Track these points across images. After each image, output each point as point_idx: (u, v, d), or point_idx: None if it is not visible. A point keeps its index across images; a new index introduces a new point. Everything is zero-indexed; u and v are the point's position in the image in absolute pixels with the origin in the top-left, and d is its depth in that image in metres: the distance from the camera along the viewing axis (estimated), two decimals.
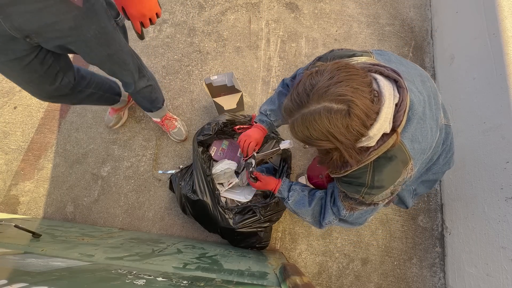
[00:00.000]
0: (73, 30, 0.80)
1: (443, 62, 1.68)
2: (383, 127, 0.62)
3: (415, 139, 0.69)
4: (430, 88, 0.77)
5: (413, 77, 0.74)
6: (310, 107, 0.59)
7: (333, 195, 0.92)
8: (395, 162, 0.69)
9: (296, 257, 1.45)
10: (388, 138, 0.65)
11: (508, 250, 1.09)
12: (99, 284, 0.61)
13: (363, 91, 0.58)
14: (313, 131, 0.60)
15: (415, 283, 1.41)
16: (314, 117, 0.59)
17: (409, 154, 0.69)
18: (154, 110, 1.42)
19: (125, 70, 1.05)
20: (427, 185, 0.97)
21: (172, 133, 1.58)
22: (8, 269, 0.61)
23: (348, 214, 0.87)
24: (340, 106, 0.57)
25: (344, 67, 0.61)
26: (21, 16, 0.72)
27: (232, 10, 1.90)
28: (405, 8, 1.90)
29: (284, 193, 1.04)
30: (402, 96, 0.63)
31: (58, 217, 1.53)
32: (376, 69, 0.66)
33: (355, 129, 0.59)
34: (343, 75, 0.59)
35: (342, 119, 0.58)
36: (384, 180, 0.72)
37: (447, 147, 0.88)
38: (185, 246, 1.19)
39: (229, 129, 1.39)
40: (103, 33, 0.87)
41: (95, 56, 0.93)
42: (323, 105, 0.58)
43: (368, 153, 0.67)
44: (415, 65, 0.82)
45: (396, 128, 0.64)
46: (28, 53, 0.85)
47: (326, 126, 0.58)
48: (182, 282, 0.71)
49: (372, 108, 0.59)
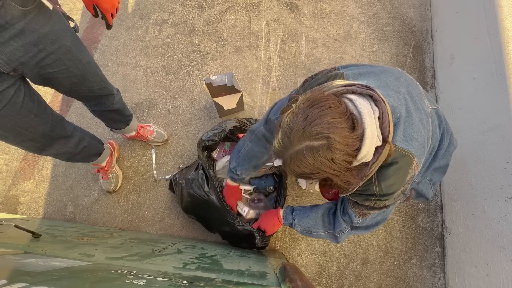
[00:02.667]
0: (55, 43, 0.81)
1: (443, 62, 1.68)
2: (373, 144, 0.63)
3: (410, 137, 0.70)
4: (406, 82, 0.78)
5: (385, 81, 0.75)
6: (294, 147, 0.62)
7: (343, 204, 0.93)
8: (398, 165, 0.70)
9: (296, 257, 1.45)
10: (383, 149, 0.66)
11: (508, 250, 1.09)
12: (99, 284, 0.61)
13: (339, 123, 0.60)
14: (304, 168, 0.63)
15: (415, 283, 1.41)
16: (299, 157, 0.61)
17: (410, 153, 0.70)
18: (129, 121, 1.40)
19: (102, 81, 1.06)
20: (440, 171, 0.97)
21: (153, 138, 1.56)
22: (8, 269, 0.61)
23: (361, 220, 0.89)
24: (320, 143, 0.59)
25: (316, 102, 0.62)
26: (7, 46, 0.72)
27: (232, 10, 1.90)
28: (405, 8, 1.90)
29: (288, 217, 1.10)
30: (381, 108, 0.64)
31: (58, 217, 1.53)
32: (349, 90, 0.66)
33: (340, 160, 0.61)
34: (316, 113, 0.60)
35: (325, 153, 0.59)
36: (392, 185, 0.73)
37: (444, 128, 0.88)
38: (185, 246, 1.19)
39: (235, 136, 1.40)
40: (76, 37, 0.89)
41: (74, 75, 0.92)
42: (304, 144, 0.60)
43: (369, 167, 0.68)
44: (384, 67, 0.82)
45: (386, 138, 0.65)
46: (16, 90, 0.82)
47: (312, 163, 0.61)
48: (182, 282, 0.71)
49: (351, 136, 0.61)
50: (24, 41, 0.74)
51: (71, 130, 1.10)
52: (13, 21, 0.70)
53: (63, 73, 0.88)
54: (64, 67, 0.87)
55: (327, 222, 0.99)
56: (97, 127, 1.65)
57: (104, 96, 1.12)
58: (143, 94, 1.72)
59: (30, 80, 0.87)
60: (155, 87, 1.73)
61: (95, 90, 1.05)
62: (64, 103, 1.71)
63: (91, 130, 1.63)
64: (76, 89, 0.99)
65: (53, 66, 0.84)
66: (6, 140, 0.90)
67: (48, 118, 0.96)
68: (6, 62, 0.74)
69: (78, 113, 1.68)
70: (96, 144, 1.28)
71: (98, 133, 1.62)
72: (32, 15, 0.73)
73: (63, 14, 0.87)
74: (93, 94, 1.06)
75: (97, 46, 1.82)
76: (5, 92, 0.79)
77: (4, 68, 0.75)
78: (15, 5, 0.69)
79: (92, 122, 1.66)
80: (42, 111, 0.93)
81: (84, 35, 1.84)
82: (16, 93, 0.82)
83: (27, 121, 0.88)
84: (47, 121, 0.95)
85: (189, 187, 1.32)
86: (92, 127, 1.65)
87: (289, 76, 1.75)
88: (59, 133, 1.03)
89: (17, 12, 0.70)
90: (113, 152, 1.49)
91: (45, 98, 0.97)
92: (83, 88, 1.00)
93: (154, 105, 1.70)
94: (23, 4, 0.71)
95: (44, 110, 0.94)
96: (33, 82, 0.89)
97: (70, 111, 1.69)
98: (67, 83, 0.93)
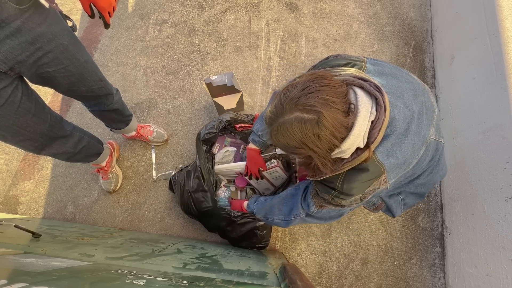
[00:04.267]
0: (52, 42, 0.81)
1: (443, 62, 1.68)
2: (356, 142, 0.64)
3: (392, 154, 0.70)
4: (424, 103, 0.76)
5: (403, 91, 0.73)
6: (284, 116, 0.62)
7: (306, 191, 0.97)
8: (367, 174, 0.71)
9: (296, 257, 1.45)
10: (362, 153, 0.66)
11: (508, 250, 1.09)
12: (99, 284, 0.61)
13: (334, 102, 0.60)
14: (289, 139, 0.63)
15: (415, 283, 1.41)
16: (287, 127, 0.62)
17: (384, 167, 0.71)
18: (129, 121, 1.40)
19: (101, 81, 1.05)
20: (416, 196, 0.99)
21: (153, 138, 1.56)
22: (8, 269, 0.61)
23: (317, 210, 0.92)
24: (310, 116, 0.59)
25: (318, 78, 0.63)
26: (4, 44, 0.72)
27: (232, 10, 1.90)
28: (405, 8, 1.90)
29: (250, 206, 1.22)
30: (379, 114, 0.64)
31: (58, 217, 1.53)
32: (357, 83, 0.66)
33: (326, 138, 0.61)
34: (315, 86, 0.61)
35: (312, 128, 0.60)
36: (353, 189, 0.74)
37: (435, 163, 0.87)
38: (185, 246, 1.19)
39: (232, 127, 1.40)
40: (73, 36, 0.89)
41: (72, 74, 0.92)
42: (295, 114, 0.61)
43: (342, 164, 0.69)
44: (411, 77, 0.80)
45: (369, 144, 0.66)
46: (13, 89, 0.81)
47: (298, 134, 0.61)
48: (182, 282, 0.71)
49: (342, 121, 0.61)
50: (20, 40, 0.74)
51: (70, 129, 1.09)
52: (9, 20, 0.70)
53: (61, 72, 0.88)
54: (62, 66, 0.87)
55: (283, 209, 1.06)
56: (97, 127, 1.65)
57: (103, 96, 1.12)
58: (143, 94, 1.72)
59: (28, 79, 0.87)
60: (155, 87, 1.73)
61: (94, 89, 1.04)
62: (64, 103, 1.71)
63: (91, 130, 1.63)
64: (75, 89, 0.99)
65: (50, 65, 0.84)
66: (5, 139, 0.90)
67: (46, 117, 0.96)
68: (2, 61, 0.74)
69: (78, 113, 1.68)
70: (96, 144, 1.28)
71: (98, 133, 1.62)
72: (28, 13, 0.73)
73: (60, 13, 0.87)
74: (92, 93, 1.06)
75: (97, 46, 1.82)
76: (2, 92, 0.78)
77: (1, 67, 0.75)
78: (11, 4, 0.69)
79: (92, 122, 1.65)
80: (40, 110, 0.93)
81: (84, 35, 1.84)
82: (13, 92, 0.81)
83: (25, 121, 0.88)
84: (45, 121, 0.95)
85: (188, 186, 1.32)
86: (92, 127, 1.65)
87: (289, 76, 1.75)
88: (58, 133, 1.03)
89: (13, 11, 0.70)
90: (113, 152, 1.49)
91: (45, 98, 0.97)
92: (82, 88, 1.00)
93: (154, 105, 1.70)
94: (19, 3, 0.70)
95: (42, 110, 0.94)
96: (31, 82, 0.88)
97: (70, 111, 1.69)
98: (66, 83, 0.93)
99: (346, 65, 0.77)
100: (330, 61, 0.82)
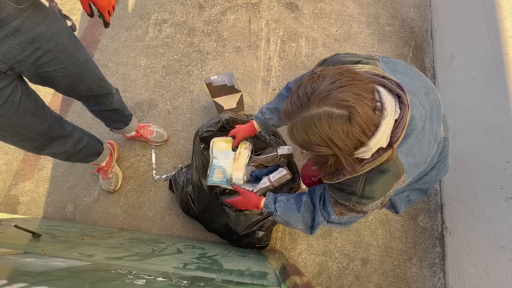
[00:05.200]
0: (51, 42, 0.81)
1: (443, 62, 1.68)
2: (380, 142, 0.61)
3: (411, 153, 0.69)
4: (433, 101, 0.75)
5: (417, 89, 0.72)
6: (310, 110, 0.57)
7: (323, 198, 0.92)
8: (388, 175, 0.69)
9: (296, 257, 1.45)
10: (384, 153, 0.64)
11: (508, 250, 1.09)
12: (99, 284, 0.61)
13: (366, 98, 0.57)
14: (312, 135, 0.59)
15: (415, 283, 1.41)
16: (314, 121, 0.57)
17: (403, 168, 0.69)
18: (129, 121, 1.40)
19: (100, 80, 1.05)
20: (420, 192, 0.98)
21: (153, 138, 1.56)
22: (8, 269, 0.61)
23: (338, 218, 0.89)
24: (341, 111, 0.56)
25: (347, 72, 0.59)
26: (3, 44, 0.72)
27: (232, 10, 1.90)
28: (405, 8, 1.90)
29: (270, 207, 1.01)
30: (403, 113, 0.62)
31: (58, 217, 1.53)
32: (379, 81, 0.63)
33: (355, 136, 0.58)
34: (346, 80, 0.57)
35: (342, 124, 0.56)
36: (375, 192, 0.72)
37: (442, 159, 0.87)
38: (185, 246, 1.19)
39: (231, 127, 1.40)
40: (73, 36, 0.89)
41: (72, 73, 0.91)
42: (324, 109, 0.56)
43: (362, 165, 0.67)
44: (421, 75, 0.79)
45: (392, 144, 0.63)
46: (13, 89, 0.81)
47: (326, 131, 0.57)
48: (182, 282, 0.71)
49: (372, 118, 0.58)
50: (20, 39, 0.74)
51: (69, 129, 1.10)
52: (9, 19, 0.70)
53: (61, 72, 0.88)
54: (62, 66, 0.87)
55: (308, 217, 0.97)
56: (97, 127, 1.65)
57: (103, 96, 1.12)
58: (143, 94, 1.72)
59: (27, 79, 0.87)
60: (155, 87, 1.73)
61: (93, 89, 1.04)
62: (64, 103, 1.71)
63: (91, 130, 1.63)
64: (74, 88, 0.99)
65: (50, 65, 0.84)
66: (4, 139, 0.90)
67: (46, 117, 0.96)
68: (2, 61, 0.74)
69: (78, 113, 1.68)
70: (96, 144, 1.28)
71: (98, 133, 1.62)
72: (27, 13, 0.73)
73: (60, 12, 0.87)
74: (92, 93, 1.06)
75: (97, 46, 1.82)
76: (1, 91, 0.78)
77: (0, 66, 0.75)
78: (10, 3, 0.69)
79: (92, 122, 1.65)
80: (39, 110, 0.93)
81: (84, 35, 1.84)
82: (13, 92, 0.81)
83: (25, 121, 0.88)
84: (45, 121, 0.95)
85: (187, 186, 1.32)
86: (92, 127, 1.65)
87: (289, 76, 1.75)
88: (58, 133, 1.03)
89: (12, 10, 0.70)
90: (113, 152, 1.49)
91: (45, 98, 0.97)
92: (81, 87, 1.00)
93: (154, 105, 1.70)
94: (18, 2, 0.70)
95: (42, 110, 0.94)
96: (31, 81, 0.88)
97: (70, 111, 1.69)
98: (65, 82, 0.93)
99: (358, 63, 0.75)
100: (343, 57, 0.78)
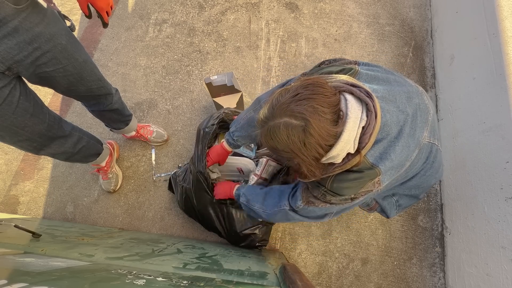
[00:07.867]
0: (50, 42, 0.81)
1: (443, 62, 1.68)
2: (346, 148, 0.64)
3: (386, 157, 0.71)
4: (418, 105, 0.76)
5: (395, 95, 0.74)
6: (274, 120, 0.63)
7: (296, 186, 0.96)
8: (359, 175, 0.72)
9: (296, 257, 1.45)
10: (353, 158, 0.67)
11: (508, 250, 1.09)
12: (99, 284, 0.61)
13: (323, 112, 0.61)
14: (277, 143, 0.64)
15: (415, 283, 1.41)
16: (275, 130, 0.63)
17: (379, 169, 0.71)
18: (128, 121, 1.39)
19: (100, 80, 1.05)
20: (410, 198, 0.99)
21: (153, 138, 1.56)
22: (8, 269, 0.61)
23: (302, 206, 0.90)
24: (298, 122, 0.61)
25: (312, 85, 0.63)
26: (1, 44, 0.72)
27: (232, 10, 1.90)
28: (405, 8, 1.90)
29: (240, 189, 1.17)
30: (370, 120, 0.65)
31: (58, 217, 1.53)
32: (348, 90, 0.66)
33: (312, 146, 0.62)
34: (307, 94, 0.62)
35: (298, 134, 0.61)
36: (343, 189, 0.75)
37: (428, 165, 0.85)
38: (185, 246, 1.19)
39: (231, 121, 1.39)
40: (72, 36, 0.89)
41: (71, 74, 0.91)
42: (284, 119, 0.62)
43: (333, 168, 0.70)
44: (405, 80, 0.80)
45: (360, 149, 0.66)
46: (11, 89, 0.81)
47: (285, 139, 0.62)
48: (182, 282, 0.71)
49: (329, 130, 0.61)
50: (18, 40, 0.74)
51: (69, 130, 1.09)
52: (7, 19, 0.70)
53: (60, 72, 0.88)
54: (60, 66, 0.87)
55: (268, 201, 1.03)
56: (97, 127, 1.65)
57: (103, 96, 1.12)
58: (143, 94, 1.72)
59: (26, 79, 0.87)
60: (155, 87, 1.73)
61: (93, 89, 1.04)
62: (64, 103, 1.71)
63: (91, 130, 1.63)
64: (74, 89, 0.98)
65: (49, 65, 0.84)
66: (3, 139, 0.90)
67: (44, 117, 0.96)
68: (0, 61, 0.74)
69: (78, 113, 1.68)
70: (95, 144, 1.28)
71: (98, 133, 1.62)
72: (26, 13, 0.73)
73: (58, 12, 0.87)
74: (92, 93, 1.06)
75: (97, 46, 1.82)
76: (0, 92, 0.78)
77: None
78: (8, 3, 0.69)
79: (92, 122, 1.65)
80: (38, 110, 0.93)
81: (84, 35, 1.84)
82: (11, 92, 0.81)
83: (23, 121, 0.88)
84: (43, 121, 0.95)
85: (186, 185, 1.32)
86: (92, 127, 1.65)
87: (289, 76, 1.75)
88: (57, 133, 1.03)
89: (10, 10, 0.70)
90: (112, 152, 1.49)
91: (44, 98, 0.97)
92: (81, 88, 1.00)
93: (154, 105, 1.70)
94: (16, 2, 0.70)
95: (41, 110, 0.94)
96: (30, 82, 0.88)
97: (70, 111, 1.69)
98: (64, 82, 0.93)
99: (339, 72, 0.78)
100: (322, 69, 0.83)
